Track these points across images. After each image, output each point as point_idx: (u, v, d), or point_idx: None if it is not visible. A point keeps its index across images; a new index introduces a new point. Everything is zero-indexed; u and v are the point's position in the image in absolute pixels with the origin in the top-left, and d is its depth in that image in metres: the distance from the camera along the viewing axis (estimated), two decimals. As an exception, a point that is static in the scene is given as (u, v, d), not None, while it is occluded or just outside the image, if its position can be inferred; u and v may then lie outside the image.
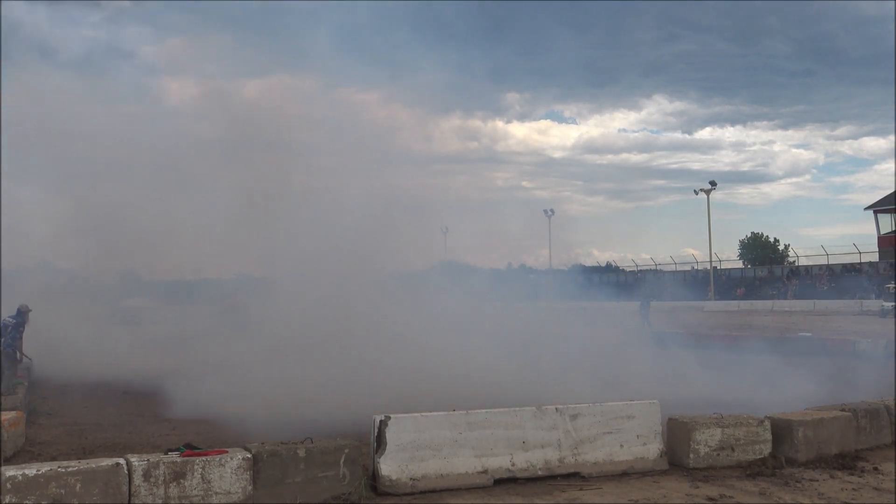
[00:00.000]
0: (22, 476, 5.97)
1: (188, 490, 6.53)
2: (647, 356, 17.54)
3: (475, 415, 7.91)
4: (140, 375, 15.93)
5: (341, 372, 12.88)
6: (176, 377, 14.05)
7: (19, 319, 15.89)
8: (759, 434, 8.71)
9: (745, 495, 7.55)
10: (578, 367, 14.20)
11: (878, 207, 61.16)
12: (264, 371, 13.28)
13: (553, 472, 8.01)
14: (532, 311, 22.18)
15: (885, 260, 54.99)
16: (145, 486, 6.38)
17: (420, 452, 7.57)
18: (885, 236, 59.16)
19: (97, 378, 16.38)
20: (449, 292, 19.41)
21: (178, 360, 16.28)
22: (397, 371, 12.83)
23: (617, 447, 8.32)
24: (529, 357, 15.10)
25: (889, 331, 22.15)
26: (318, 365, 13.26)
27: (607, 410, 8.40)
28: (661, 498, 7.44)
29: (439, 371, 12.78)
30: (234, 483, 6.71)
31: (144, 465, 6.42)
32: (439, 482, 7.57)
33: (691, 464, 8.44)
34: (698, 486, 7.83)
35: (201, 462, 6.62)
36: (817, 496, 7.57)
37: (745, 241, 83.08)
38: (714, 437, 8.53)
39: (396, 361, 13.31)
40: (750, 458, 8.58)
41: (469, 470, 7.73)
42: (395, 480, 7.44)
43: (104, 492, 6.20)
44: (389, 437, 7.48)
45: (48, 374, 17.29)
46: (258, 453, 6.90)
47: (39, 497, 5.97)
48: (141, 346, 21.06)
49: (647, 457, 8.42)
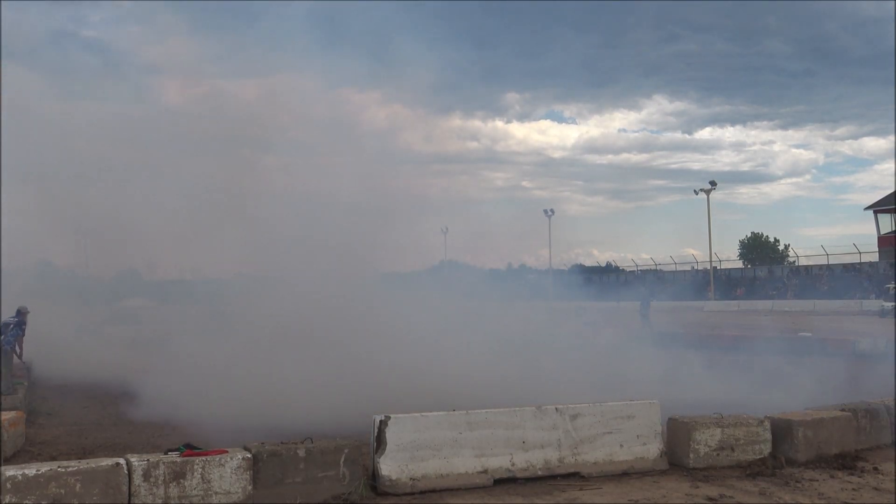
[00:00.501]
0: (22, 476, 5.97)
1: (188, 490, 6.53)
2: (645, 356, 17.47)
3: (475, 415, 7.91)
4: (115, 376, 15.68)
5: (326, 372, 12.67)
6: (143, 378, 13.79)
7: (19, 319, 15.92)
8: (759, 434, 8.71)
9: (745, 495, 7.55)
10: (568, 368, 14.06)
11: (878, 207, 61.14)
12: (236, 372, 13.04)
13: (553, 472, 8.01)
14: (519, 312, 21.93)
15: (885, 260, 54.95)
16: (145, 485, 6.38)
17: (420, 452, 7.57)
18: (885, 236, 59.13)
19: (86, 378, 16.28)
20: (438, 292, 19.23)
21: (149, 361, 15.87)
22: (382, 371, 12.66)
23: (617, 447, 8.32)
24: (507, 357, 14.85)
25: (889, 331, 22.12)
26: (300, 364, 12.99)
27: (607, 410, 8.40)
28: (661, 498, 7.44)
29: (425, 371, 12.62)
30: (234, 483, 6.71)
31: (144, 465, 6.42)
32: (439, 482, 7.57)
33: (691, 464, 8.44)
34: (698, 486, 7.83)
35: (201, 462, 6.63)
36: (817, 496, 7.57)
37: (745, 241, 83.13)
38: (714, 436, 8.53)
39: (381, 361, 13.12)
40: (750, 458, 8.58)
41: (469, 470, 7.73)
42: (395, 480, 7.44)
43: (104, 492, 6.20)
44: (389, 437, 7.48)
45: (48, 375, 17.31)
46: (258, 453, 6.90)
47: (39, 497, 5.97)
48: (123, 346, 20.92)
49: (647, 457, 8.42)
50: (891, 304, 39.84)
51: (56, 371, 17.43)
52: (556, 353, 15.76)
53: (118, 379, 15.46)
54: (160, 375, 13.60)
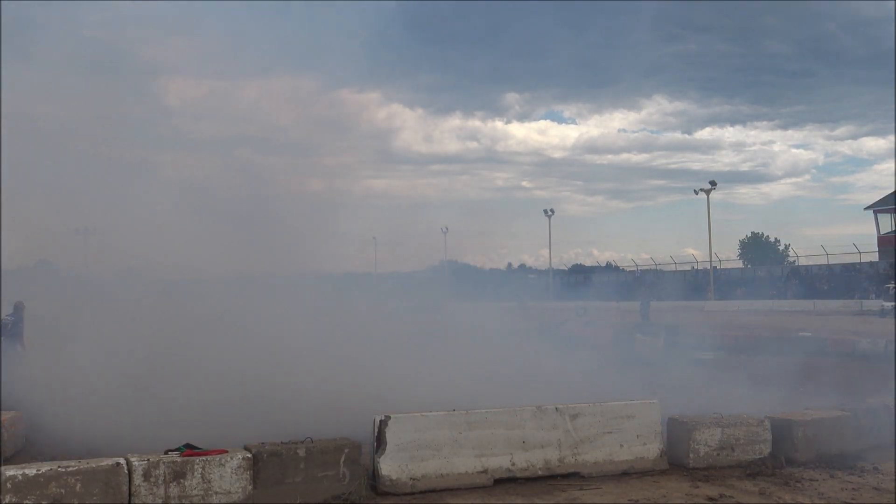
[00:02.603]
0: (22, 476, 5.97)
1: (188, 490, 6.54)
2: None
3: (475, 414, 7.91)
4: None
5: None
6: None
7: (18, 315, 15.99)
8: (759, 434, 8.72)
9: (745, 495, 7.55)
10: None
11: (877, 207, 61.13)
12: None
13: (553, 471, 8.01)
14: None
15: (885, 260, 54.94)
16: (145, 485, 6.39)
17: (420, 452, 7.57)
18: (884, 236, 59.11)
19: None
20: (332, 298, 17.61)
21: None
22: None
23: (617, 447, 8.32)
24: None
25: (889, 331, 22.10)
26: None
27: (607, 410, 8.40)
28: (661, 498, 7.44)
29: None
30: (234, 483, 6.72)
31: (144, 464, 6.43)
32: (439, 482, 7.58)
33: (691, 463, 8.44)
34: (698, 486, 7.83)
35: (201, 462, 6.63)
36: (817, 496, 7.57)
37: (745, 241, 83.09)
38: (714, 436, 8.53)
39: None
40: (750, 457, 8.58)
41: (469, 470, 7.73)
42: (395, 480, 7.44)
43: (104, 492, 6.20)
44: (389, 437, 7.49)
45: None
46: (258, 453, 6.91)
47: (39, 497, 5.97)
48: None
49: (647, 456, 8.42)
50: (891, 304, 39.84)
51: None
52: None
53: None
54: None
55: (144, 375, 11.75)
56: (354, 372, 12.38)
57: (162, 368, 12.08)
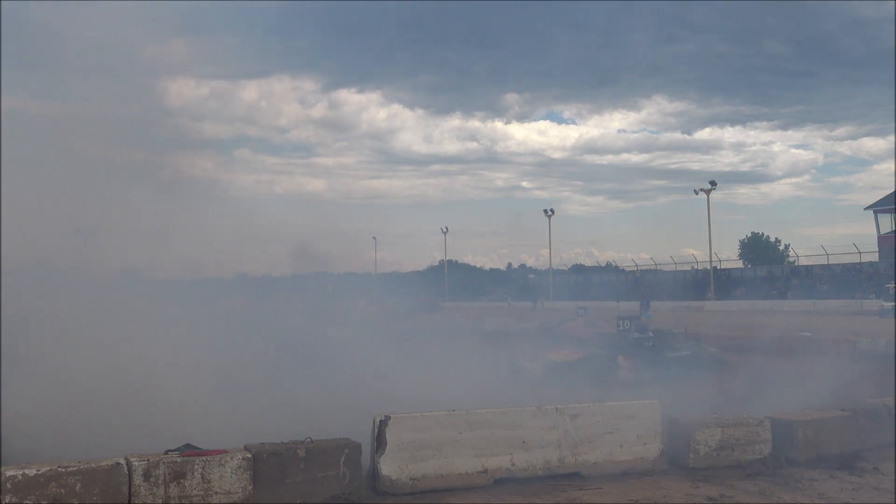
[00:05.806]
0: (22, 476, 5.96)
1: (188, 490, 6.53)
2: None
3: (475, 414, 7.90)
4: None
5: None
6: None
7: None
8: (759, 434, 8.71)
9: (745, 495, 7.55)
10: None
11: (877, 207, 61.16)
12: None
13: (553, 472, 8.01)
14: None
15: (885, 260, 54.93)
16: (145, 485, 6.38)
17: (420, 452, 7.56)
18: (884, 236, 59.12)
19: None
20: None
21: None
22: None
23: (617, 447, 8.31)
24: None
25: (889, 331, 22.09)
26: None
27: (607, 410, 8.40)
28: (661, 498, 7.44)
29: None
30: (234, 483, 6.71)
31: (144, 465, 6.42)
32: (439, 482, 7.57)
33: (691, 463, 8.44)
34: (698, 486, 7.83)
35: (201, 462, 6.62)
36: (817, 496, 7.57)
37: (745, 241, 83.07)
38: (714, 436, 8.53)
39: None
40: (750, 457, 8.58)
41: (469, 470, 7.73)
42: (395, 480, 7.44)
43: (104, 492, 6.20)
44: (389, 437, 7.48)
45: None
46: (258, 453, 6.90)
47: (39, 497, 5.97)
48: None
49: (647, 457, 8.41)
50: (891, 304, 39.84)
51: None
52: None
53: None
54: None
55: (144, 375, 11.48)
56: (354, 372, 12.40)
57: (162, 369, 11.94)
